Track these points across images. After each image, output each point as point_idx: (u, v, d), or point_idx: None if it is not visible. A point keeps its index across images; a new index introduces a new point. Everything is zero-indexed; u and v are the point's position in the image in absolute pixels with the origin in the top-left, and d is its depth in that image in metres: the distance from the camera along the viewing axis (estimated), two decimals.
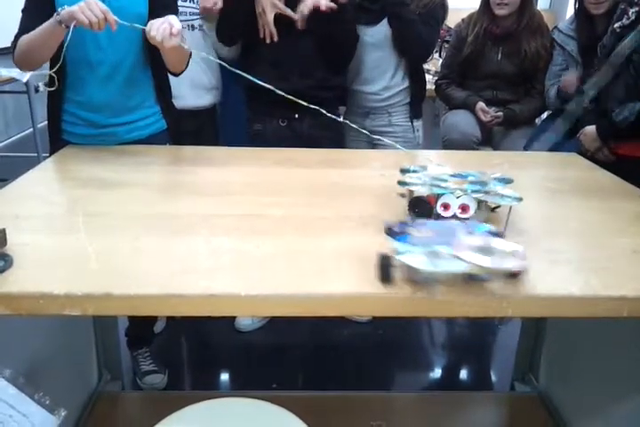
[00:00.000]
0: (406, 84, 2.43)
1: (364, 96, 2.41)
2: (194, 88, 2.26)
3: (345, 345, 2.42)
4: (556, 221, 1.29)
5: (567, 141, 2.37)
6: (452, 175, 1.25)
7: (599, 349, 1.59)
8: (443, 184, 1.20)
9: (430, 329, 2.61)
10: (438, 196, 1.16)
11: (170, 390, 2.08)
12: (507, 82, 2.69)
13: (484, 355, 2.48)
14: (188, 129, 2.17)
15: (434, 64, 3.61)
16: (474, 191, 1.17)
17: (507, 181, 1.24)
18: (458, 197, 1.16)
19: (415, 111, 2.48)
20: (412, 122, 2.48)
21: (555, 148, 2.39)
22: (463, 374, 2.34)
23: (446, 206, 1.16)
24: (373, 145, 2.42)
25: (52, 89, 1.64)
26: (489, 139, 2.73)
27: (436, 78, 2.98)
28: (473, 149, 2.57)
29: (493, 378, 2.29)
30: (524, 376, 2.00)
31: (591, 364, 1.63)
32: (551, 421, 1.77)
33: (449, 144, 2.63)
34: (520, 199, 1.16)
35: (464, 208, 1.16)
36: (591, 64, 2.28)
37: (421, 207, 1.18)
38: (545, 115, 2.85)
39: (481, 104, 2.62)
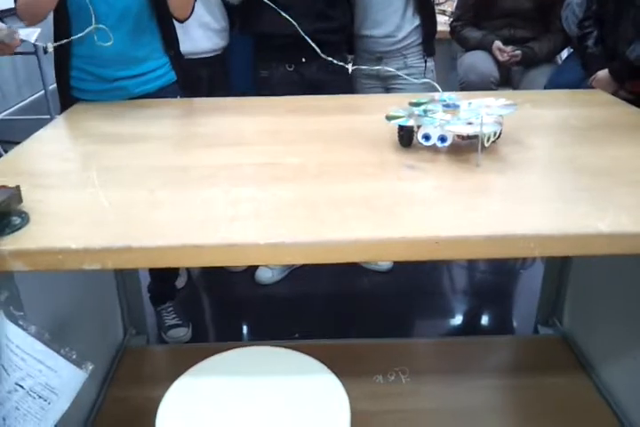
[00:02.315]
0: (417, 21, 2.33)
1: (376, 40, 2.32)
2: (205, 30, 2.19)
3: (366, 294, 2.42)
4: (581, 158, 1.25)
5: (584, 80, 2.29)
6: (445, 106, 1.28)
7: (623, 290, 1.57)
8: (431, 115, 1.24)
9: (451, 275, 2.60)
10: (419, 127, 1.25)
11: (195, 342, 2.11)
12: (524, 19, 2.60)
13: (507, 300, 2.47)
14: (201, 77, 2.14)
15: (450, 5, 3.49)
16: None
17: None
18: (436, 127, 1.22)
19: (429, 49, 2.40)
20: (425, 61, 2.40)
21: (577, 85, 2.32)
22: (485, 319, 2.34)
23: (427, 136, 1.24)
24: (387, 90, 2.37)
25: (58, 45, 1.60)
26: (508, 79, 2.66)
27: (451, 20, 2.88)
28: (491, 89, 2.50)
29: (516, 322, 2.29)
30: (547, 320, 2.00)
31: (616, 305, 1.61)
32: (576, 362, 1.77)
33: (467, 86, 2.56)
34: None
35: (443, 138, 1.21)
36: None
37: (405, 137, 1.28)
38: (566, 52, 2.76)
39: (498, 43, 2.54)
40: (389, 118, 1.28)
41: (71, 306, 1.48)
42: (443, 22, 2.97)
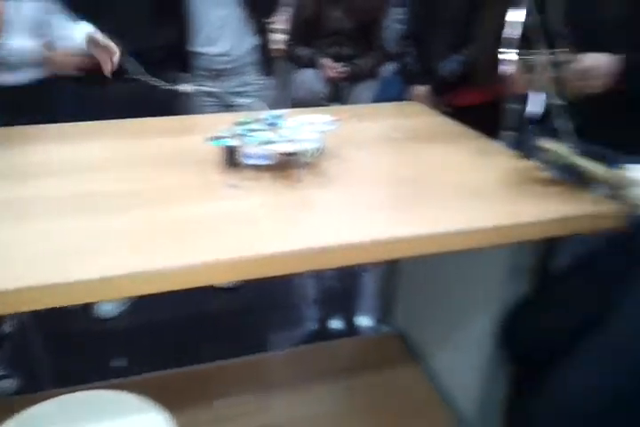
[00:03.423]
0: (254, 40, 2.40)
1: (211, 58, 2.36)
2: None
3: (215, 314, 2.41)
4: (399, 168, 1.36)
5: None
6: (268, 124, 1.34)
7: (442, 284, 1.73)
8: (253, 134, 1.29)
9: (300, 285, 2.68)
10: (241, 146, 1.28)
11: (27, 391, 1.88)
12: (348, 37, 2.74)
13: (353, 303, 2.60)
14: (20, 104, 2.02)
15: (283, 22, 3.58)
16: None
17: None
18: (257, 146, 1.27)
19: (268, 68, 2.48)
20: (264, 79, 2.48)
21: (400, 97, 2.49)
22: (335, 324, 2.44)
23: (250, 156, 1.28)
24: (228, 108, 2.41)
25: None
26: (337, 95, 2.79)
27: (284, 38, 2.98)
28: (322, 105, 2.61)
29: (362, 323, 2.41)
30: (385, 318, 2.12)
31: (437, 298, 1.77)
32: (409, 356, 1.90)
33: (298, 103, 2.65)
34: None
35: (264, 156, 1.27)
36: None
37: (229, 158, 1.31)
38: (391, 67, 2.95)
39: (325, 60, 2.66)
40: (213, 139, 1.31)
41: None
42: (279, 41, 3.05)
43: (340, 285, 2.69)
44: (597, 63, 1.31)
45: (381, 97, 2.59)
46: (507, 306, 1.34)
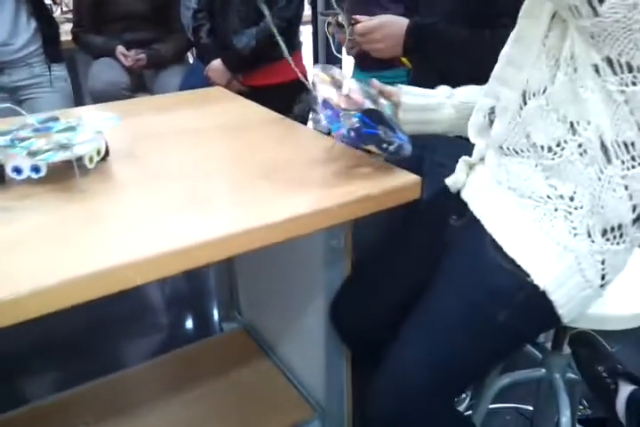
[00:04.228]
0: (34, 25, 2.18)
1: None
2: None
3: (49, 341, 2.17)
4: (197, 163, 1.25)
5: None
6: (35, 130, 1.16)
7: (275, 273, 1.66)
8: (20, 144, 1.11)
9: (144, 296, 2.50)
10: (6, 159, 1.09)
11: None
12: (143, 21, 2.56)
13: (199, 304, 2.47)
14: None
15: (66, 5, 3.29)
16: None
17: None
18: (25, 157, 1.08)
19: (53, 56, 2.25)
20: (50, 68, 2.25)
21: (209, 83, 2.37)
22: (181, 329, 2.31)
23: (19, 169, 1.08)
24: (19, 103, 2.19)
25: None
26: (141, 84, 2.60)
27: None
28: (125, 97, 2.43)
29: (208, 324, 2.31)
30: (229, 315, 2.03)
31: (274, 289, 1.70)
32: (259, 350, 1.83)
33: (98, 96, 2.44)
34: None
35: (36, 168, 1.10)
36: None
37: None
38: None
39: (119, 48, 2.46)
40: None
41: None
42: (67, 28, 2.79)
43: (184, 287, 2.55)
44: (380, 25, 1.28)
45: (189, 84, 2.45)
46: (332, 289, 1.31)
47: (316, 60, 3.46)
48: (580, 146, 0.91)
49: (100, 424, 1.58)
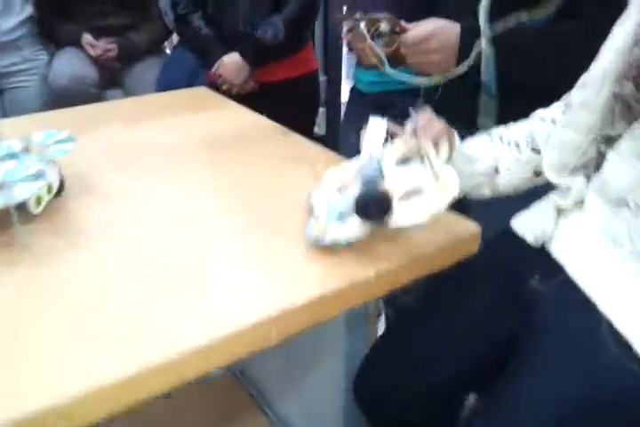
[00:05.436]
0: (29, 9, 2.13)
1: None
2: None
3: None
4: (177, 197, 0.96)
5: (202, 72, 2.04)
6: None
7: None
8: None
9: None
10: None
11: None
12: (117, 5, 2.22)
13: None
14: None
15: None
16: None
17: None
18: None
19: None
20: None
21: (190, 79, 2.06)
22: None
23: None
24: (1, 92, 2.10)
25: None
26: (112, 79, 2.26)
27: None
28: (93, 94, 2.10)
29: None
30: None
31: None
32: (254, 402, 1.56)
33: (61, 94, 2.10)
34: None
35: None
36: None
37: None
38: (176, 41, 2.47)
39: (86, 37, 2.12)
40: None
41: None
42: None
43: None
44: (435, 31, 0.98)
45: (167, 78, 2.12)
46: (355, 358, 1.03)
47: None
48: None
49: None
